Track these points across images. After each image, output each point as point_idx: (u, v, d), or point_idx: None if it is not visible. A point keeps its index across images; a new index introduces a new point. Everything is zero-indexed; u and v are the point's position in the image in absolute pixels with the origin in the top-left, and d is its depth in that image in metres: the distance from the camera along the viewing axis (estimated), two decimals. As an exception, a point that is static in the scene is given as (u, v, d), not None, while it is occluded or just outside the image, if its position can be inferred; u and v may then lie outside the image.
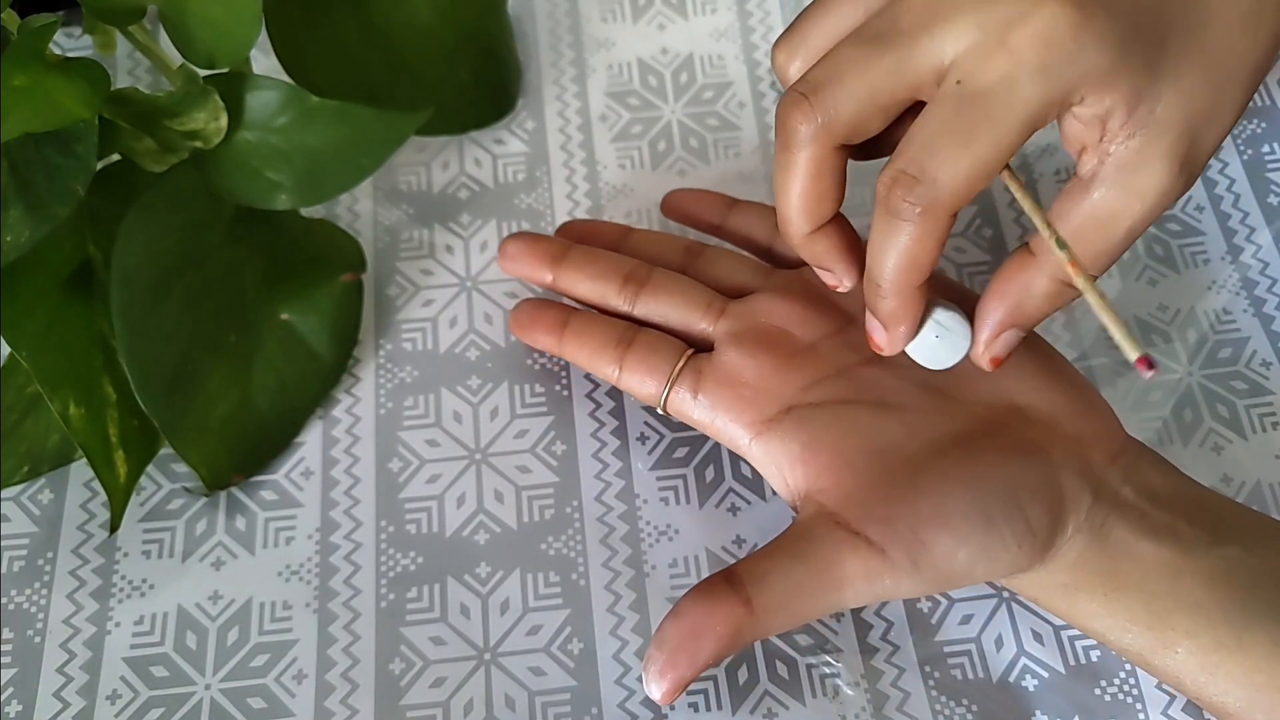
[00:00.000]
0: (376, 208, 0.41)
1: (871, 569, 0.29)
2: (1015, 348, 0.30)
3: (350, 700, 0.33)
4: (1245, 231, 0.41)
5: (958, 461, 0.30)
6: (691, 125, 0.43)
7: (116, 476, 0.34)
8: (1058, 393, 0.32)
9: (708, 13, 0.45)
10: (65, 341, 0.34)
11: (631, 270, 0.35)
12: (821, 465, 0.31)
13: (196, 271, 0.35)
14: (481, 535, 0.36)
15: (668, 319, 0.35)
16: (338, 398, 0.38)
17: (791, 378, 0.32)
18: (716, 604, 0.29)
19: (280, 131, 0.34)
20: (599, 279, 0.36)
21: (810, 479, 0.31)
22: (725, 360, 0.33)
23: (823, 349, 0.33)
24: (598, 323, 0.35)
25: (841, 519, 0.29)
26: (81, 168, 0.29)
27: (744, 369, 0.33)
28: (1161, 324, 0.39)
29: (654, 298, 0.35)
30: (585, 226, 0.39)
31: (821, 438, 0.31)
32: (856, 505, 0.30)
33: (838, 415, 0.31)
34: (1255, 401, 0.38)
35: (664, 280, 0.35)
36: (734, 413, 0.32)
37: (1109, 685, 0.34)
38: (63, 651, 0.34)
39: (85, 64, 0.31)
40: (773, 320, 0.33)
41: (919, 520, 0.29)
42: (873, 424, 0.31)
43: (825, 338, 0.33)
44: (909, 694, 0.33)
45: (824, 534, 0.29)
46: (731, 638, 0.28)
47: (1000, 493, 0.29)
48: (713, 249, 0.37)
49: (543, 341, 0.36)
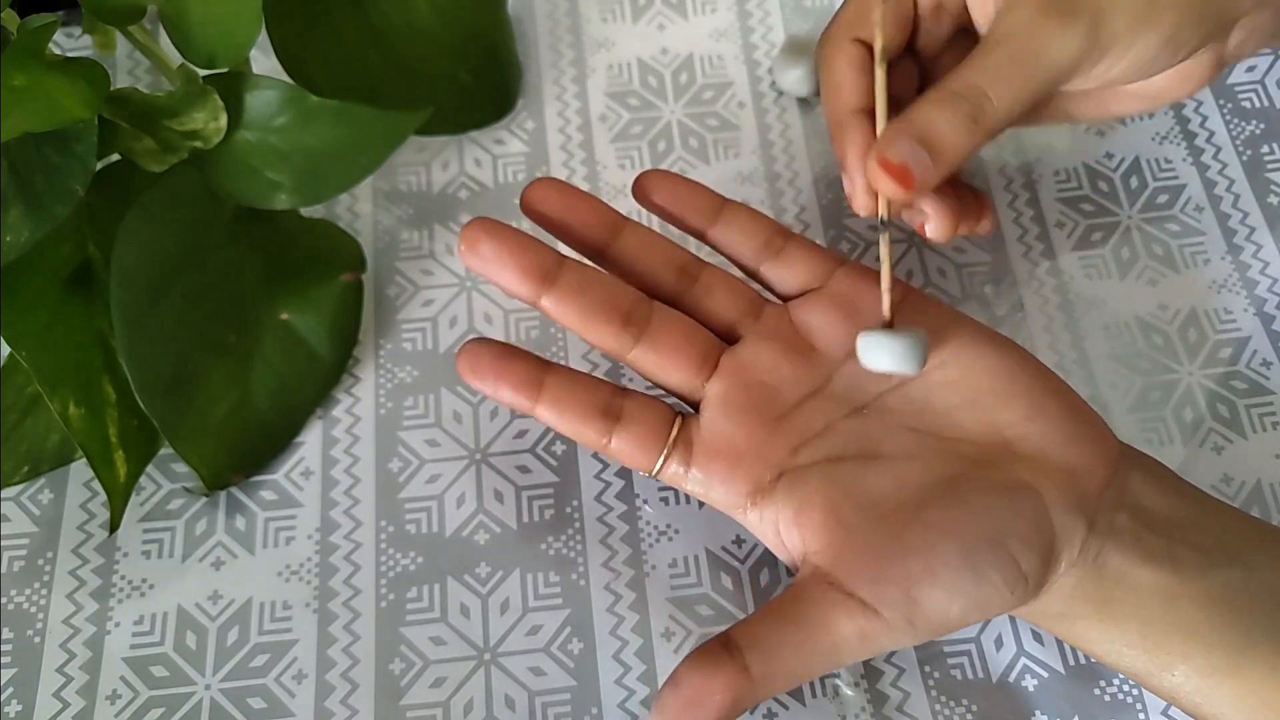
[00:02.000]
0: (376, 208, 0.41)
1: (866, 630, 0.29)
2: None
3: (350, 700, 0.33)
4: (1245, 231, 0.41)
5: (946, 509, 0.30)
6: (691, 125, 0.43)
7: (116, 476, 0.34)
8: (1047, 420, 0.32)
9: (707, 13, 0.45)
10: (65, 341, 0.34)
11: (632, 307, 0.33)
12: (814, 527, 0.31)
13: (196, 271, 0.35)
14: (481, 535, 0.36)
15: (663, 374, 0.33)
16: (337, 398, 0.38)
17: (779, 442, 0.32)
18: (715, 672, 0.28)
19: (280, 131, 0.34)
20: (597, 315, 0.33)
21: (805, 541, 0.31)
22: (716, 430, 0.32)
23: (808, 407, 0.33)
24: (578, 386, 0.33)
25: (835, 580, 0.29)
26: (81, 168, 0.29)
27: (735, 437, 0.32)
28: (1162, 324, 0.39)
29: (652, 348, 0.33)
30: (563, 199, 0.34)
31: (812, 499, 0.31)
32: (848, 565, 0.30)
33: (826, 475, 0.31)
34: (1255, 401, 0.38)
35: (663, 325, 0.33)
36: (728, 485, 0.32)
37: (1108, 685, 0.34)
38: (63, 651, 0.34)
39: (85, 64, 0.31)
40: (760, 375, 0.33)
41: (910, 579, 0.29)
42: (861, 479, 0.31)
43: (811, 394, 0.33)
44: (909, 694, 0.33)
45: (818, 596, 0.29)
46: (731, 705, 0.28)
47: (990, 541, 0.29)
48: (708, 272, 0.35)
49: (509, 399, 0.33)
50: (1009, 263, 0.40)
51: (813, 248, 0.35)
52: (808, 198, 0.41)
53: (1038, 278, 0.40)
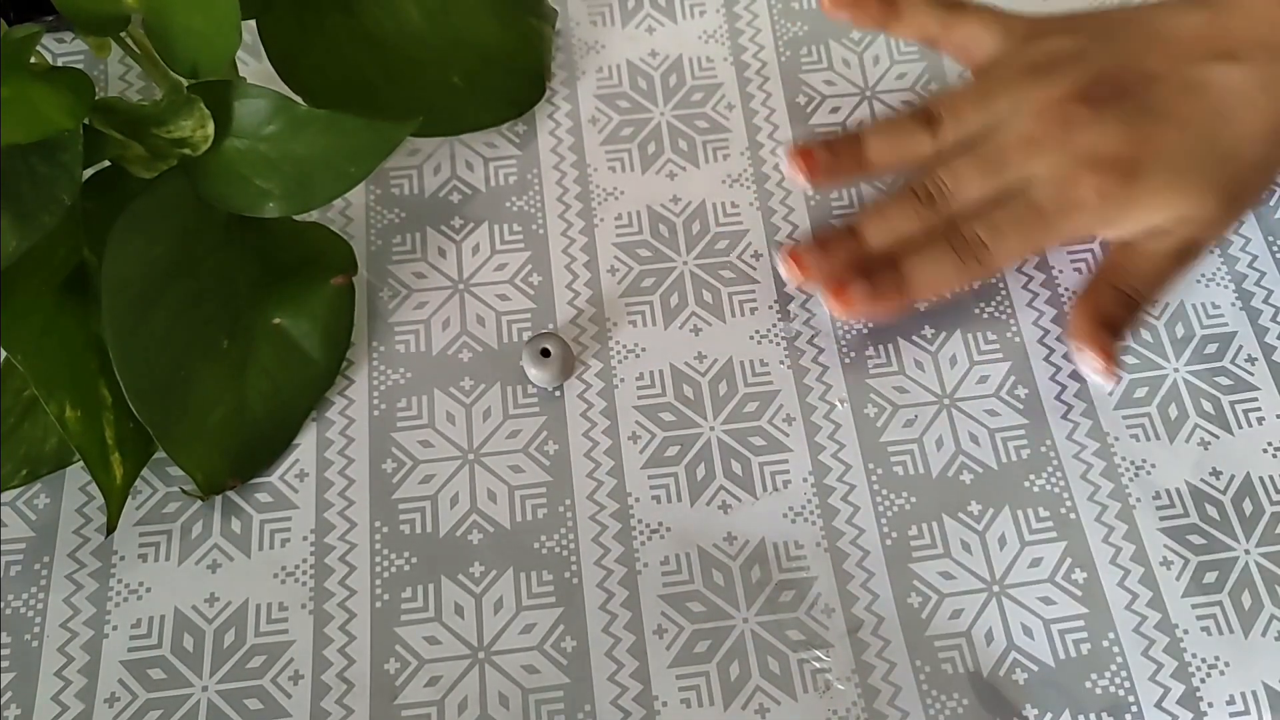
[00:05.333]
0: (369, 211, 0.41)
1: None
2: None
3: (346, 700, 0.34)
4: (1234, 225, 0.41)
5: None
6: (681, 127, 0.43)
7: (113, 478, 0.35)
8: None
9: (696, 15, 0.46)
10: (61, 345, 0.34)
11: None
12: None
13: (188, 278, 0.35)
14: (475, 535, 0.36)
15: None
16: (331, 400, 0.38)
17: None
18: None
19: (269, 140, 0.34)
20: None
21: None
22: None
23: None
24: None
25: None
26: (67, 177, 0.29)
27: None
28: (1150, 318, 0.39)
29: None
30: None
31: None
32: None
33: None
34: (1241, 397, 0.38)
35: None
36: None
37: (1099, 678, 0.34)
38: (60, 655, 0.34)
39: (69, 73, 0.31)
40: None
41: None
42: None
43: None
44: (900, 688, 0.34)
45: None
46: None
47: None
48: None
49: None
50: (997, 259, 0.40)
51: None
52: (797, 199, 0.42)
53: (1026, 273, 0.40)
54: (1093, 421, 0.38)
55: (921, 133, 0.39)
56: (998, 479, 0.37)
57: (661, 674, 0.34)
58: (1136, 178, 0.37)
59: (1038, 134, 0.37)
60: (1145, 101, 0.37)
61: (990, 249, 0.37)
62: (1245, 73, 0.38)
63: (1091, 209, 0.37)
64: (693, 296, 0.40)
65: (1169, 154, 0.37)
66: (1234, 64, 0.38)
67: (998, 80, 0.39)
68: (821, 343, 0.39)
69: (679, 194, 0.42)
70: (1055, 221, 0.37)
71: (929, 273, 0.37)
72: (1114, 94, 0.38)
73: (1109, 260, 0.38)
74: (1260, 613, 0.35)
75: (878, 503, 0.36)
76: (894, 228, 0.38)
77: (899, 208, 0.38)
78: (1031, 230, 0.37)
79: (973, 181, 0.38)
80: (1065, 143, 0.37)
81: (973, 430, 0.38)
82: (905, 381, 0.38)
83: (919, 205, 0.38)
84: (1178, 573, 0.35)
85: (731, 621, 0.35)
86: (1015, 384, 0.38)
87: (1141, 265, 0.38)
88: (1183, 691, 0.34)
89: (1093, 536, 0.36)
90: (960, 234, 0.37)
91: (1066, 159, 0.37)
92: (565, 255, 0.41)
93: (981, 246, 0.37)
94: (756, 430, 0.38)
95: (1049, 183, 0.37)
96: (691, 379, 0.38)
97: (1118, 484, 0.37)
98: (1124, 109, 0.37)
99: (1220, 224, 0.38)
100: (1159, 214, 0.37)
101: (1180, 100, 0.38)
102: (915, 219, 0.38)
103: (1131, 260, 0.38)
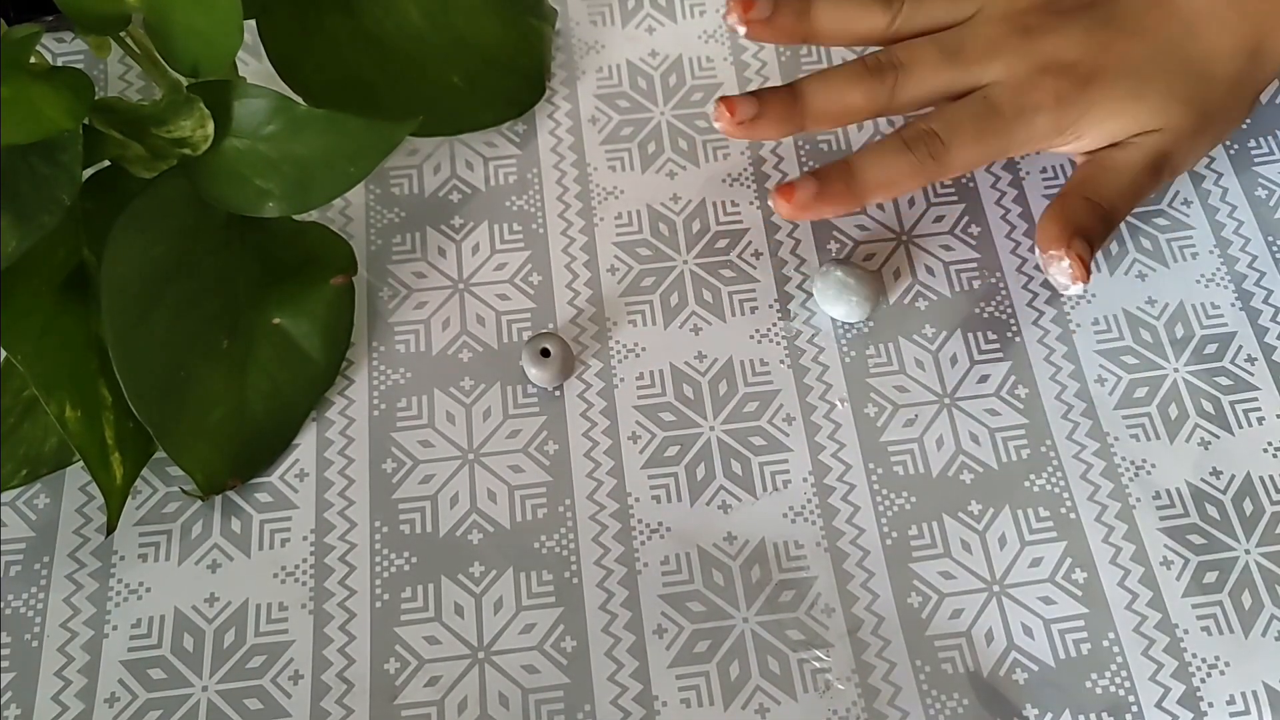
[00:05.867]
0: (369, 211, 0.41)
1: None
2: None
3: (346, 700, 0.34)
4: (1233, 225, 0.41)
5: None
6: (681, 127, 0.43)
7: (113, 478, 0.35)
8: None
9: (696, 15, 0.46)
10: (61, 344, 0.34)
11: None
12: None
13: (188, 278, 0.35)
14: (475, 535, 0.36)
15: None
16: (331, 400, 0.38)
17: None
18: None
19: (269, 139, 0.34)
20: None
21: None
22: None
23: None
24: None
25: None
26: (67, 177, 0.29)
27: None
28: (1150, 318, 0.39)
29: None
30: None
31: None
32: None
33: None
34: (1241, 397, 0.38)
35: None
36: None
37: (1100, 678, 0.34)
38: (60, 655, 0.34)
39: (69, 73, 0.31)
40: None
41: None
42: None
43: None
44: (900, 688, 0.34)
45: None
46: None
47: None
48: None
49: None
50: (997, 259, 0.40)
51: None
52: (797, 197, 0.42)
53: (1025, 273, 0.40)
54: (1093, 421, 0.38)
55: (878, 8, 0.38)
56: (998, 479, 0.37)
57: (661, 674, 0.34)
58: (1094, 83, 0.37)
59: (999, 37, 0.37)
60: (1111, 12, 0.38)
61: (946, 145, 0.36)
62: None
63: (1048, 112, 0.36)
64: (693, 296, 0.40)
65: (1130, 63, 0.37)
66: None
67: None
68: (821, 343, 0.39)
69: (679, 193, 0.42)
70: (1012, 124, 0.36)
71: (882, 169, 0.36)
72: (1080, 6, 0.38)
73: (1079, 173, 0.38)
74: (1260, 613, 0.35)
75: (878, 502, 0.36)
76: (837, 93, 0.37)
77: (845, 75, 0.37)
78: (987, 130, 0.36)
79: (927, 65, 0.37)
80: (1026, 48, 0.37)
81: (973, 430, 0.38)
82: (905, 381, 0.38)
83: (867, 76, 0.37)
84: (1178, 573, 0.35)
85: (731, 621, 0.35)
86: (1015, 384, 0.38)
87: (1111, 178, 0.37)
88: (1183, 691, 0.34)
89: (1093, 536, 0.36)
90: (915, 128, 0.36)
91: (1025, 63, 0.37)
92: (565, 255, 0.41)
93: (937, 141, 0.36)
94: (756, 430, 0.38)
95: (1006, 86, 0.37)
96: (691, 379, 0.38)
97: (1118, 484, 0.37)
98: (1089, 19, 0.37)
99: (1192, 138, 0.38)
100: (1118, 121, 0.37)
101: (1147, 12, 0.38)
102: (861, 91, 0.37)
103: (1102, 172, 0.37)
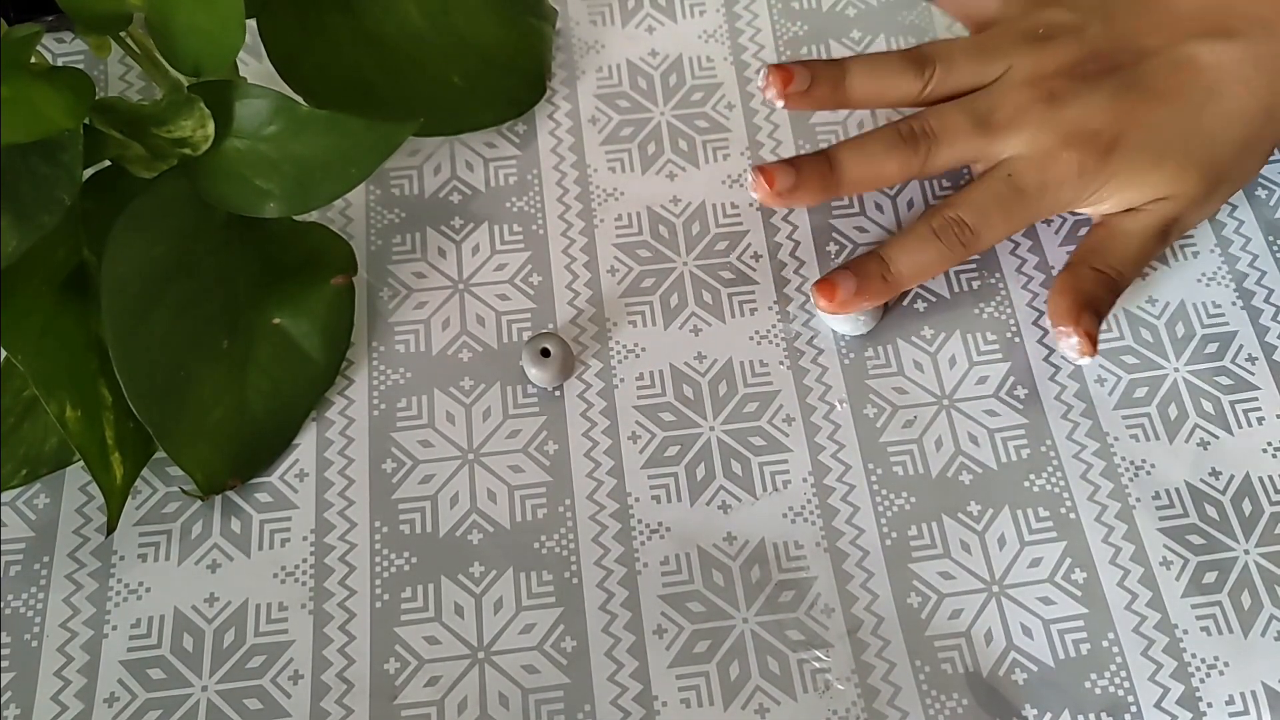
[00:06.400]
0: (369, 211, 0.41)
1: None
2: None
3: (345, 700, 0.34)
4: (1234, 224, 0.41)
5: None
6: (681, 127, 0.43)
7: (113, 478, 0.35)
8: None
9: (696, 15, 0.46)
10: (61, 344, 0.34)
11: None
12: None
13: (188, 278, 0.35)
14: (475, 535, 0.36)
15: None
16: (331, 400, 0.38)
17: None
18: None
19: (269, 140, 0.34)
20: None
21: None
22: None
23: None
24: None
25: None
26: (67, 177, 0.29)
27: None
28: (1151, 317, 0.39)
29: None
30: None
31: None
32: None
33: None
34: (1241, 397, 0.38)
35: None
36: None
37: (1099, 678, 0.34)
38: (60, 655, 0.34)
39: (69, 73, 0.31)
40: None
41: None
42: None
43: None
44: (899, 688, 0.34)
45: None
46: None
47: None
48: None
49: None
50: (997, 260, 0.40)
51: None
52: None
53: (1025, 273, 0.40)
54: (1092, 421, 0.38)
55: (910, 74, 0.39)
56: (997, 479, 0.37)
57: (661, 674, 0.34)
58: (1115, 153, 0.37)
59: (1025, 104, 0.38)
60: (1134, 77, 0.38)
61: (974, 231, 0.37)
62: (1240, 49, 0.38)
63: (1070, 185, 0.37)
64: (692, 297, 0.40)
65: (1152, 130, 0.37)
66: (1229, 41, 0.38)
67: (994, 41, 0.39)
68: (821, 343, 0.39)
69: (679, 194, 0.42)
70: (1036, 201, 0.38)
71: (913, 258, 0.37)
72: (1104, 70, 0.38)
73: (1088, 240, 0.38)
74: (1260, 613, 0.35)
75: (877, 503, 0.36)
76: (873, 163, 0.38)
77: (880, 144, 0.38)
78: (1013, 211, 0.38)
79: (959, 135, 0.38)
80: (1051, 117, 0.37)
81: (972, 430, 0.38)
82: (905, 382, 0.38)
83: (901, 145, 0.38)
84: (1177, 573, 0.35)
85: (731, 621, 0.35)
86: (1015, 384, 0.38)
87: (1121, 244, 0.38)
88: (1182, 691, 0.34)
89: (1092, 536, 0.36)
90: (943, 218, 0.37)
91: (1050, 135, 0.37)
92: (565, 255, 0.41)
93: (966, 230, 0.37)
94: (756, 430, 0.38)
95: (1030, 161, 0.37)
96: (691, 379, 0.38)
97: (1117, 484, 0.37)
98: (1112, 85, 0.38)
99: (1202, 203, 0.38)
100: (1137, 190, 0.38)
101: (1170, 76, 0.38)
102: (896, 161, 0.38)
103: (1111, 239, 0.38)
